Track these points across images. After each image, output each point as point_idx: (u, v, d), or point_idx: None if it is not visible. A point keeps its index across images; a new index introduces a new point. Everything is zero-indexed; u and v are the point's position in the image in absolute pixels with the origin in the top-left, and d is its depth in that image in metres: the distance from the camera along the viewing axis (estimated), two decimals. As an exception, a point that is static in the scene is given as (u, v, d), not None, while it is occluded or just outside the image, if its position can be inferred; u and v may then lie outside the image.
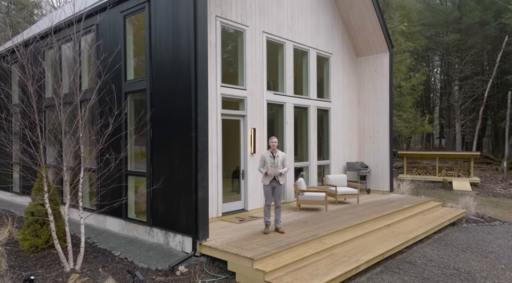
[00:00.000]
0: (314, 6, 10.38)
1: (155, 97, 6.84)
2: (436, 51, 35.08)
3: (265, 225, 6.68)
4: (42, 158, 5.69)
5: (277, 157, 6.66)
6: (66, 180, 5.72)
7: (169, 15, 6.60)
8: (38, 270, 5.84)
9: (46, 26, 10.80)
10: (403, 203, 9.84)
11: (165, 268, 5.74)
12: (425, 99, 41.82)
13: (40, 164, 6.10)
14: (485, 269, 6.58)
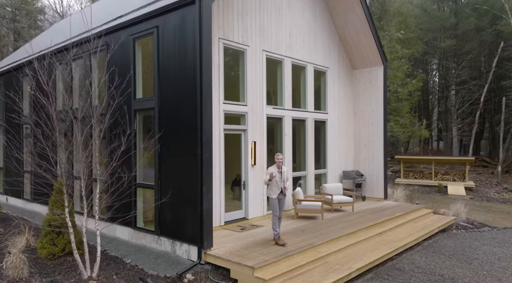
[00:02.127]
0: (312, 23, 10.93)
1: (162, 115, 7.38)
2: (434, 55, 35.62)
3: (278, 237, 7.10)
4: (64, 178, 6.21)
5: (283, 172, 7.23)
6: (84, 195, 6.24)
7: (176, 40, 7.14)
8: (57, 277, 6.38)
9: (61, 39, 11.34)
10: (396, 211, 10.38)
11: (173, 275, 6.28)
12: (423, 102, 42.38)
13: (59, 178, 6.63)
14: (468, 275, 7.12)
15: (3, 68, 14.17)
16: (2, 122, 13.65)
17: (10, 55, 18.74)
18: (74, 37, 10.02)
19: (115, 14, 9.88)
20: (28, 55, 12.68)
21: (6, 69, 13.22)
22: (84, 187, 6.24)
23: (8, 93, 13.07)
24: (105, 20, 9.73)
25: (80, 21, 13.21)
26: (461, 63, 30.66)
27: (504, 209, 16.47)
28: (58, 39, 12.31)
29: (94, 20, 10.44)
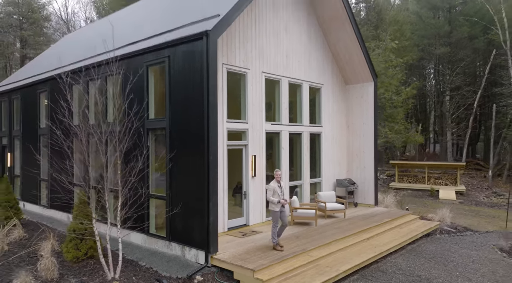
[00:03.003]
0: (307, 44, 11.89)
1: (173, 135, 8.34)
2: (430, 60, 36.57)
3: (276, 243, 8.02)
4: (92, 195, 7.15)
5: (283, 186, 8.19)
6: (108, 207, 7.20)
7: (185, 68, 8.10)
8: (83, 277, 7.35)
9: (76, 56, 12.29)
10: (384, 217, 11.34)
11: (184, 276, 7.24)
12: (420, 106, 43.32)
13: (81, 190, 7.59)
14: (442, 276, 8.09)
15: (20, 81, 15.15)
16: (19, 133, 14.61)
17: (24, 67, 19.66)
18: (91, 57, 11.00)
19: (128, 38, 10.86)
20: (45, 71, 13.65)
21: (23, 84, 14.17)
22: (107, 200, 7.20)
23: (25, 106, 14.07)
24: (120, 44, 10.69)
25: (93, 38, 14.19)
26: (455, 70, 31.61)
27: (490, 213, 17.41)
28: (73, 54, 13.27)
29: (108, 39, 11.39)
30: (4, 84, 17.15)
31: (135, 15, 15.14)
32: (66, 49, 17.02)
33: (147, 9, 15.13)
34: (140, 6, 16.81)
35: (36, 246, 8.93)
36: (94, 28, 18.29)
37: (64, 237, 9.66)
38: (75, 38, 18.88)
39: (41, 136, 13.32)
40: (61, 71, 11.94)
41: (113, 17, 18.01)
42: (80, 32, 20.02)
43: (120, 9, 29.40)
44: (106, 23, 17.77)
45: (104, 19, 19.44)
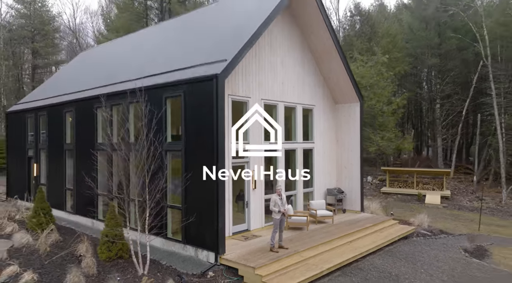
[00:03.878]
0: (300, 72, 13.66)
1: (188, 156, 10.10)
2: (422, 69, 38.33)
3: (273, 245, 9.78)
4: (129, 212, 8.91)
5: (283, 198, 9.94)
6: (137, 217, 8.97)
7: (197, 101, 9.86)
8: (116, 273, 9.11)
9: (96, 80, 14.04)
10: (367, 222, 13.11)
11: (198, 273, 9.01)
12: (415, 112, 45.06)
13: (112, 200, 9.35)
14: (409, 272, 9.85)
15: (46, 100, 16.93)
16: (45, 146, 16.38)
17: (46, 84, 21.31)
18: (113, 84, 12.77)
19: (145, 69, 12.63)
20: (70, 92, 15.42)
21: (50, 103, 15.94)
22: (138, 210, 8.97)
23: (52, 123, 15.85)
24: (137, 73, 12.48)
25: (110, 61, 15.88)
26: (445, 79, 33.37)
27: (469, 216, 19.17)
28: (94, 77, 15.02)
29: (125, 67, 13.19)
30: (29, 101, 18.90)
31: (147, 43, 16.86)
32: (85, 70, 18.76)
33: (156, 37, 16.86)
34: (149, 33, 18.57)
35: (72, 248, 10.70)
36: (108, 50, 20.04)
37: (94, 240, 11.46)
38: (91, 58, 20.60)
39: (66, 150, 15.08)
40: (86, 95, 13.78)
41: (126, 41, 19.76)
42: (95, 52, 21.73)
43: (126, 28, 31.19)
44: (119, 46, 19.56)
45: (116, 41, 21.18)
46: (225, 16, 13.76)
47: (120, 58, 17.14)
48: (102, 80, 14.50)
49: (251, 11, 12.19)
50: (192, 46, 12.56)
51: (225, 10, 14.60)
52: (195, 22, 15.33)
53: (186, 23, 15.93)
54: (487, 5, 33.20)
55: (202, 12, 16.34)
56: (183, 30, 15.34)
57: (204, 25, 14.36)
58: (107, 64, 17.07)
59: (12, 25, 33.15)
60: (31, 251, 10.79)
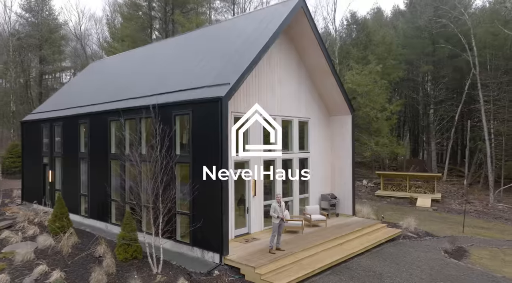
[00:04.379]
0: (296, 89, 14.90)
1: (195, 168, 11.35)
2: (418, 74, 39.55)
3: (272, 247, 11.04)
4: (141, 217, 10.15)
5: (282, 205, 11.18)
6: (152, 223, 10.21)
7: (204, 118, 11.09)
8: (133, 272, 10.37)
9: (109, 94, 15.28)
10: (357, 226, 14.35)
11: (205, 272, 10.26)
12: (411, 116, 46.26)
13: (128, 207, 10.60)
14: (392, 272, 11.10)
15: (61, 111, 18.18)
16: (60, 155, 17.63)
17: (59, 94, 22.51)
18: (125, 100, 14.01)
19: (155, 86, 13.87)
20: (85, 105, 16.66)
21: (66, 115, 17.19)
22: (152, 217, 10.22)
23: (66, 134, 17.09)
24: (149, 89, 13.72)
25: (121, 75, 17.04)
26: (439, 85, 34.62)
27: (456, 219, 20.37)
28: (107, 91, 16.25)
29: (137, 83, 14.42)
30: (44, 111, 20.14)
31: (155, 59, 18.09)
32: (97, 82, 19.97)
33: (163, 54, 18.10)
34: (156, 49, 19.82)
35: (91, 250, 11.95)
36: (118, 63, 21.28)
37: (109, 242, 12.70)
38: (102, 70, 21.81)
39: (81, 159, 16.33)
40: (101, 108, 15.03)
41: (134, 55, 21.00)
42: (105, 64, 22.93)
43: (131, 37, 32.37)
44: (128, 59, 20.80)
45: (125, 55, 22.41)
46: (228, 37, 14.97)
47: (130, 72, 18.38)
48: (114, 94, 15.74)
49: (252, 34, 13.40)
50: (199, 65, 13.79)
51: (229, 30, 15.82)
52: (201, 41, 16.55)
53: (193, 41, 17.17)
54: (478, 14, 34.46)
55: (207, 31, 17.56)
56: (189, 48, 16.58)
57: (209, 44, 15.58)
58: (118, 78, 18.30)
59: (21, 33, 34.38)
60: (54, 252, 12.04)
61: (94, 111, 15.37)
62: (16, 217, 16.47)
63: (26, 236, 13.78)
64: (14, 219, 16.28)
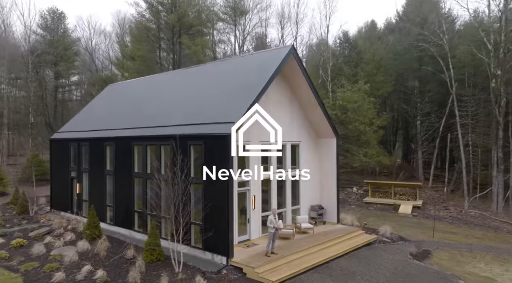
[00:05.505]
0: (289, 119, 17.78)
1: (207, 189, 14.23)
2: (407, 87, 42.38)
3: (268, 252, 13.95)
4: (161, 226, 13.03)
5: (276, 218, 14.08)
6: (174, 234, 13.09)
7: (213, 149, 13.97)
8: (159, 271, 13.25)
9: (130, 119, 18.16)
10: (340, 232, 17.23)
11: (215, 271, 13.15)
12: (402, 123, 49.04)
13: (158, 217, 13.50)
14: (363, 271, 13.96)
15: (87, 132, 21.07)
16: (87, 170, 20.53)
17: (81, 115, 25.36)
18: (148, 128, 16.89)
19: (173, 118, 16.74)
20: (110, 128, 19.53)
21: (93, 136, 20.09)
22: (174, 228, 13.11)
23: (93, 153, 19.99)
24: (167, 122, 16.60)
25: (139, 103, 19.79)
26: (424, 99, 37.48)
27: (431, 225, 23.12)
28: (127, 118, 19.10)
29: (155, 112, 17.25)
30: (70, 131, 23.01)
31: (169, 89, 20.97)
32: (119, 107, 22.79)
33: (177, 84, 20.99)
34: (170, 78, 22.70)
35: (122, 253, 14.84)
36: (136, 88, 24.17)
37: (135, 247, 15.56)
38: (121, 95, 24.63)
39: (106, 175, 19.22)
40: (125, 134, 17.91)
41: (150, 82, 23.90)
42: (123, 88, 25.76)
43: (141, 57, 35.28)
44: (145, 85, 23.67)
45: (141, 81, 25.30)
46: (234, 75, 17.81)
47: (148, 98, 21.24)
48: (137, 121, 18.63)
49: (253, 75, 16.26)
50: (208, 98, 16.69)
51: (235, 68, 18.65)
52: (210, 75, 19.43)
53: (203, 74, 20.04)
54: (462, 31, 37.20)
55: (216, 66, 20.51)
56: (201, 80, 19.43)
57: (217, 79, 18.43)
58: (138, 104, 21.13)
59: (38, 51, 37.26)
60: (93, 255, 14.94)
61: (120, 135, 18.26)
62: (52, 224, 19.37)
63: (66, 241, 16.67)
64: (50, 225, 19.17)
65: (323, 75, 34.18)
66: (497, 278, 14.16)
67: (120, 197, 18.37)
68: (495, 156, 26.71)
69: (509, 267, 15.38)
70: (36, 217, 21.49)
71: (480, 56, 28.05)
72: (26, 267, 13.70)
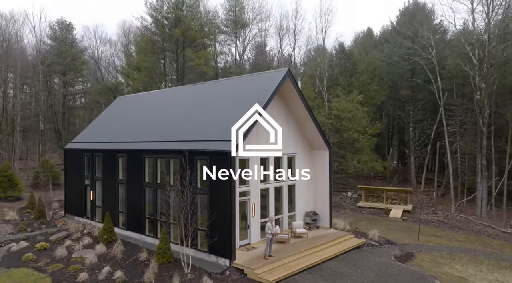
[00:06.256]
0: (285, 133, 19.56)
1: (212, 198, 16.03)
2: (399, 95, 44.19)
3: (266, 255, 15.72)
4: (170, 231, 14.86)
5: (273, 224, 15.88)
6: (184, 239, 14.89)
7: (218, 163, 15.74)
8: (170, 272, 15.04)
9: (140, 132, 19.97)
10: (331, 237, 19.02)
11: (219, 272, 14.94)
12: (397, 128, 50.81)
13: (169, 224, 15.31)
14: (350, 271, 15.74)
15: (100, 143, 22.87)
16: (100, 179, 22.32)
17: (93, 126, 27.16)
18: (158, 142, 18.70)
19: (181, 133, 18.53)
20: (122, 141, 21.32)
21: (106, 148, 21.89)
22: (183, 233, 14.91)
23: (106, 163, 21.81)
24: (175, 137, 18.39)
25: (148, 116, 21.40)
26: (417, 106, 39.30)
27: (418, 229, 24.96)
28: (138, 131, 20.90)
29: (162, 127, 19.03)
30: (83, 141, 24.81)
31: (177, 103, 22.77)
32: (130, 119, 24.52)
33: (184, 100, 22.79)
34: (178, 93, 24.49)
35: (136, 256, 16.63)
36: (145, 102, 25.95)
37: (147, 250, 17.33)
38: (131, 108, 26.39)
39: (119, 184, 21.02)
40: (137, 147, 19.70)
41: (157, 97, 25.70)
42: (132, 101, 27.53)
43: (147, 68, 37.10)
44: (152, 100, 25.46)
45: (149, 94, 27.09)
46: (236, 94, 19.59)
47: (156, 111, 23.04)
48: (147, 134, 20.43)
49: (254, 95, 18.01)
50: (213, 114, 18.50)
51: (237, 87, 20.44)
52: (215, 92, 21.24)
53: (208, 91, 21.87)
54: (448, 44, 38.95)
55: (221, 84, 22.34)
56: (205, 98, 21.16)
57: (221, 96, 20.22)
58: (147, 117, 22.92)
59: (48, 60, 39.06)
60: (110, 257, 16.74)
61: (132, 148, 20.06)
62: (69, 229, 21.17)
63: (84, 244, 18.45)
64: (68, 230, 20.97)
65: (319, 85, 35.98)
66: (470, 278, 15.95)
67: (132, 204, 20.17)
68: (479, 164, 28.48)
69: (483, 268, 17.16)
70: (53, 221, 23.28)
71: (467, 69, 29.82)
72: (52, 268, 15.49)
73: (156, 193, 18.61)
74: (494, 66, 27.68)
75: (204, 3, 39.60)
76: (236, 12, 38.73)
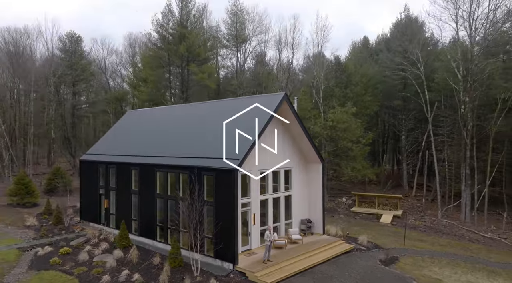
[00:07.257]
0: (282, 148, 21.73)
1: (217, 210, 18.19)
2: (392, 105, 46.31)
3: (265, 259, 17.87)
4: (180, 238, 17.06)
5: (271, 232, 18.04)
6: (193, 246, 17.06)
7: (223, 179, 17.91)
8: (181, 274, 17.20)
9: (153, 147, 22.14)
10: (324, 242, 21.18)
11: (224, 275, 17.10)
12: (391, 135, 52.96)
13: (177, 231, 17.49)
14: (339, 274, 17.89)
15: (114, 156, 25.05)
16: (115, 189, 24.50)
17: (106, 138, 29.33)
18: (168, 157, 20.88)
19: (189, 149, 20.71)
20: (135, 155, 23.50)
21: (120, 161, 24.07)
22: (193, 240, 17.08)
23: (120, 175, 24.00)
24: (184, 154, 20.57)
25: (157, 133, 23.57)
26: (408, 116, 41.46)
27: (406, 234, 27.08)
28: (148, 145, 23.07)
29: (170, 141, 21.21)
30: (97, 153, 26.97)
31: (186, 119, 24.95)
32: (141, 134, 26.62)
33: (192, 117, 24.98)
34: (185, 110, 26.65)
35: (150, 260, 18.79)
36: (155, 117, 28.12)
37: (160, 255, 19.48)
38: (141, 122, 28.54)
39: (132, 194, 23.19)
40: (149, 161, 21.88)
41: (167, 113, 27.87)
42: (144, 116, 29.69)
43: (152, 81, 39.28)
44: (162, 116, 27.63)
45: (158, 110, 29.27)
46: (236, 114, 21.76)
47: (165, 127, 25.22)
48: (158, 149, 22.59)
49: (254, 116, 20.17)
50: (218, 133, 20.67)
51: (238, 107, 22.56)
52: (217, 110, 23.41)
53: (211, 110, 24.04)
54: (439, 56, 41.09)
55: (224, 104, 24.50)
56: (211, 116, 23.38)
57: (224, 114, 22.37)
58: (158, 132, 25.07)
59: (58, 72, 41.25)
60: (127, 261, 18.91)
61: (144, 162, 22.24)
62: (86, 234, 23.34)
63: (102, 249, 20.61)
64: (85, 235, 23.13)
65: (315, 97, 38.14)
66: (445, 279, 18.11)
67: (144, 212, 22.34)
68: (463, 173, 30.64)
69: (458, 271, 19.32)
70: (71, 227, 25.45)
71: (452, 83, 31.98)
72: (78, 271, 17.65)
73: (167, 203, 20.78)
74: (476, 82, 29.80)
75: (207, 17, 41.77)
76: (237, 27, 40.93)
